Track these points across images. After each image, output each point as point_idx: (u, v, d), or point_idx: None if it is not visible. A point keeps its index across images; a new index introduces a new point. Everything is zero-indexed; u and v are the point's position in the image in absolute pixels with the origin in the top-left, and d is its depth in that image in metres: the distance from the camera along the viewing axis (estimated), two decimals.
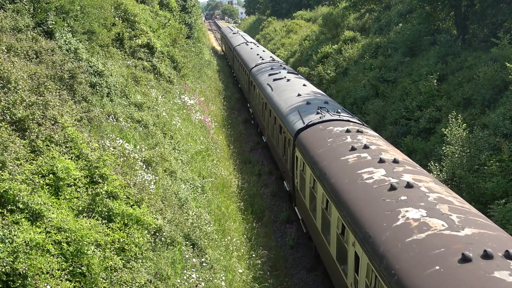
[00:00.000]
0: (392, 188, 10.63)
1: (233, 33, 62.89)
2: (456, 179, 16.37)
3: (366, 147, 13.61)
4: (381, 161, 12.38)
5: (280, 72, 28.17)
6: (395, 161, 12.38)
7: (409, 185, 10.59)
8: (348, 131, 15.35)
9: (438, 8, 29.86)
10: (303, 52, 49.37)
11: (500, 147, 16.27)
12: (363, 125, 17.43)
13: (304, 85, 24.40)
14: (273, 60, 34.64)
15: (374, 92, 28.69)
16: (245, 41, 50.22)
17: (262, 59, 34.84)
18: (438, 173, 16.86)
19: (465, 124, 17.33)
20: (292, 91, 22.74)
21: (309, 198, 15.40)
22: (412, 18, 32.47)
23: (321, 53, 41.60)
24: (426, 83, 24.04)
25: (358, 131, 15.43)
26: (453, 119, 17.49)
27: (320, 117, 17.46)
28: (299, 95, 21.57)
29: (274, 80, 26.07)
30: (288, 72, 28.61)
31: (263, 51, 42.17)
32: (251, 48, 43.34)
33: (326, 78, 37.03)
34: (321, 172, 13.57)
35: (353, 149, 13.61)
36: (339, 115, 17.78)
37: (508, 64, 18.18)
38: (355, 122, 17.22)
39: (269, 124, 24.22)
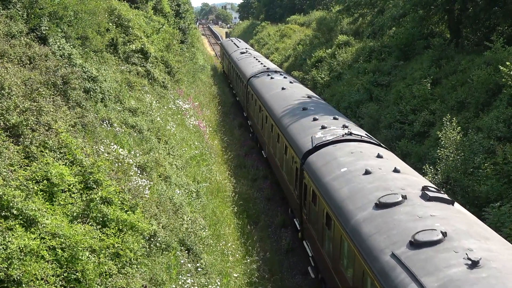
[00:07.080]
0: None
1: (241, 53, 41.68)
2: (451, 182, 16.40)
3: None
4: None
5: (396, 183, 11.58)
6: None
7: None
8: None
9: (431, 12, 29.99)
10: (297, 57, 49.48)
11: (495, 150, 16.33)
12: None
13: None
14: (350, 133, 15.92)
15: (368, 96, 28.76)
16: (266, 70, 31.22)
17: (322, 128, 16.86)
18: (433, 176, 16.90)
19: (459, 128, 17.38)
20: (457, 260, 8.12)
21: None
22: (406, 22, 32.56)
23: (315, 57, 41.73)
24: (420, 86, 24.11)
25: None
26: (447, 122, 17.52)
27: None
28: None
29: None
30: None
31: (309, 97, 23.22)
32: (283, 89, 24.39)
33: (320, 82, 37.14)
34: None
35: None
36: None
37: (501, 67, 18.23)
38: None
39: None
